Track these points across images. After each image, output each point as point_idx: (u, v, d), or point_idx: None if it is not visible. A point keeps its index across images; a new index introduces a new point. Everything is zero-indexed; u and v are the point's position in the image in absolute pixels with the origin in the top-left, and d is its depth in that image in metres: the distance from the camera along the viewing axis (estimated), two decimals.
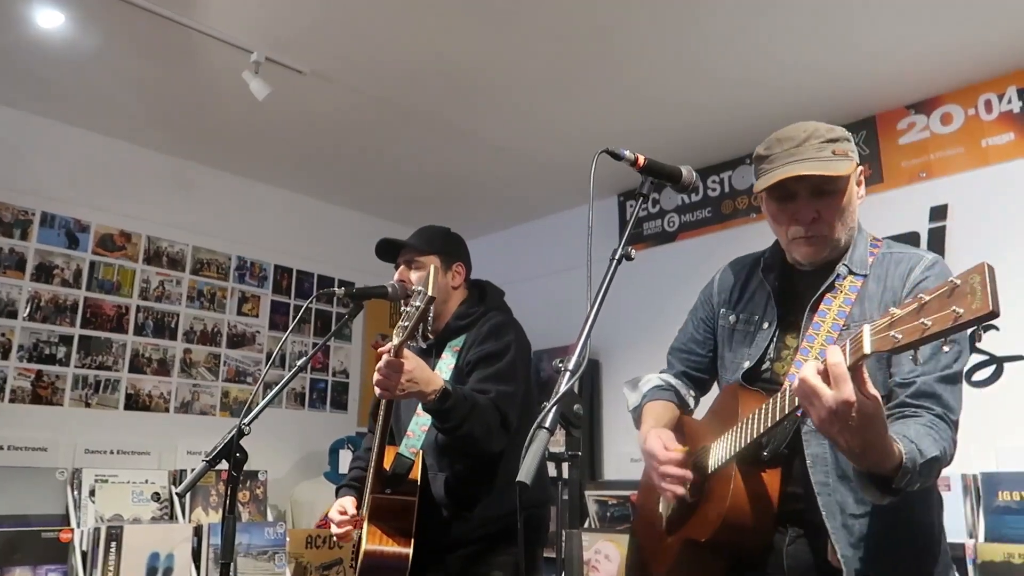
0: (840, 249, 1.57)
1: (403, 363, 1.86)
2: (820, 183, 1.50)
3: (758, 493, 1.45)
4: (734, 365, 1.67)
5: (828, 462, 1.45)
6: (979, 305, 0.97)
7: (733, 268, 1.83)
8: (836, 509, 1.43)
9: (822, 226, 1.52)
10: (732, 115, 3.58)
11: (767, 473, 1.47)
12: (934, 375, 1.39)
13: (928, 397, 1.38)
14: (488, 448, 2.05)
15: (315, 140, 3.92)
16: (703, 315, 1.84)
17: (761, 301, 1.68)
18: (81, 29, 2.99)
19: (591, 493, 3.86)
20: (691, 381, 1.87)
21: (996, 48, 3.05)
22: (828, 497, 1.44)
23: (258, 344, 4.31)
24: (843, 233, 1.56)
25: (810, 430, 1.47)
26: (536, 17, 2.87)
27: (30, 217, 3.62)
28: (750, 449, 1.43)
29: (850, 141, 1.57)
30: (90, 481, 3.22)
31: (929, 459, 1.25)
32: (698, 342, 1.84)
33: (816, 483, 1.45)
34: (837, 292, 1.54)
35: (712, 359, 1.81)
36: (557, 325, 3.44)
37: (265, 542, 3.38)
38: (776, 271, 1.68)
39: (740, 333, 1.69)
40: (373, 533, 2.05)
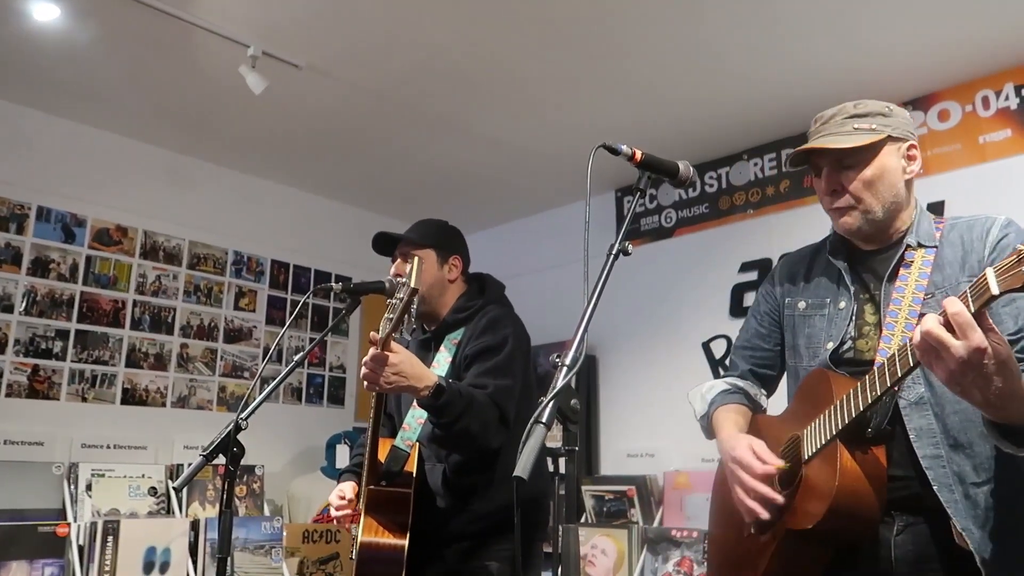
0: (885, 222, 1.57)
1: (388, 356, 1.86)
2: (839, 156, 1.54)
3: (868, 471, 1.37)
4: (811, 351, 1.64)
5: (936, 432, 1.40)
6: None
7: (791, 259, 1.81)
8: (953, 480, 1.37)
9: (846, 198, 1.55)
10: (729, 111, 3.58)
11: (875, 451, 1.40)
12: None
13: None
14: (486, 444, 2.05)
15: (312, 134, 3.91)
16: (766, 308, 1.80)
17: (830, 283, 1.65)
18: (77, 23, 2.98)
19: (588, 488, 3.87)
20: (758, 379, 1.81)
21: (994, 44, 3.05)
22: (942, 469, 1.38)
23: (255, 339, 4.30)
24: (877, 204, 1.54)
25: (908, 404, 1.43)
26: (534, 11, 2.87)
27: (26, 211, 3.61)
28: (853, 425, 1.37)
29: (886, 115, 1.58)
30: (87, 475, 3.22)
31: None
32: (763, 336, 1.79)
33: (925, 458, 1.39)
34: (910, 265, 1.53)
35: (779, 353, 1.77)
36: (554, 320, 3.44)
37: (262, 536, 3.39)
38: (843, 252, 1.66)
39: (812, 317, 1.66)
40: (369, 525, 2.06)
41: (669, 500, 3.65)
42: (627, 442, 4.09)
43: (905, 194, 1.58)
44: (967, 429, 1.39)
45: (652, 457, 3.92)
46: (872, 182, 1.54)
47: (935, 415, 1.41)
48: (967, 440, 1.40)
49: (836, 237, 1.69)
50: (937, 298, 1.44)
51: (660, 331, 4.09)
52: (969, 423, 1.40)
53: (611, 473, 4.05)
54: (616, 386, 4.26)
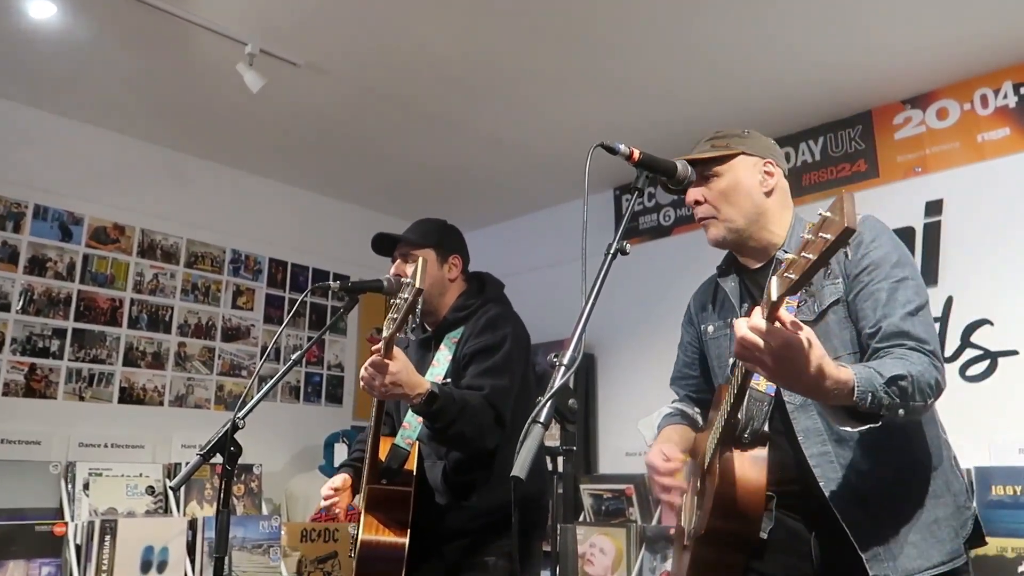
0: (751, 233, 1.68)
1: (387, 364, 1.87)
2: (701, 169, 1.67)
3: (742, 474, 1.46)
4: (721, 369, 1.76)
5: (822, 431, 1.50)
6: (837, 226, 1.05)
7: (700, 288, 1.95)
8: (840, 473, 1.47)
9: (705, 208, 1.68)
10: (727, 110, 3.58)
11: (748, 454, 1.49)
12: (897, 315, 1.45)
13: (896, 336, 1.43)
14: (481, 445, 2.06)
15: (310, 132, 3.91)
16: (688, 339, 1.93)
17: (728, 304, 1.77)
18: (74, 20, 2.97)
19: (586, 487, 3.87)
20: (696, 403, 1.93)
21: (992, 43, 3.05)
22: (830, 464, 1.48)
23: (253, 337, 4.30)
24: (736, 214, 1.66)
25: (795, 407, 1.53)
26: (533, 10, 2.86)
27: (23, 209, 3.60)
28: (727, 433, 1.47)
29: (741, 137, 1.72)
30: (84, 474, 3.22)
31: (890, 376, 1.29)
32: (689, 364, 1.92)
33: (812, 456, 1.49)
34: None
35: (708, 378, 1.87)
36: (553, 318, 3.44)
37: (260, 535, 3.38)
38: (731, 273, 1.79)
39: (719, 339, 1.78)
40: (370, 523, 2.06)
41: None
42: (625, 441, 4.08)
43: (770, 206, 1.68)
44: None
45: None
46: (727, 192, 1.66)
47: (819, 414, 1.51)
48: (849, 434, 1.47)
49: (725, 260, 1.83)
50: (808, 304, 1.55)
51: (658, 330, 4.08)
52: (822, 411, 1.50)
53: (609, 472, 4.05)
54: (614, 385, 4.25)
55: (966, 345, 3.12)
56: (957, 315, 3.15)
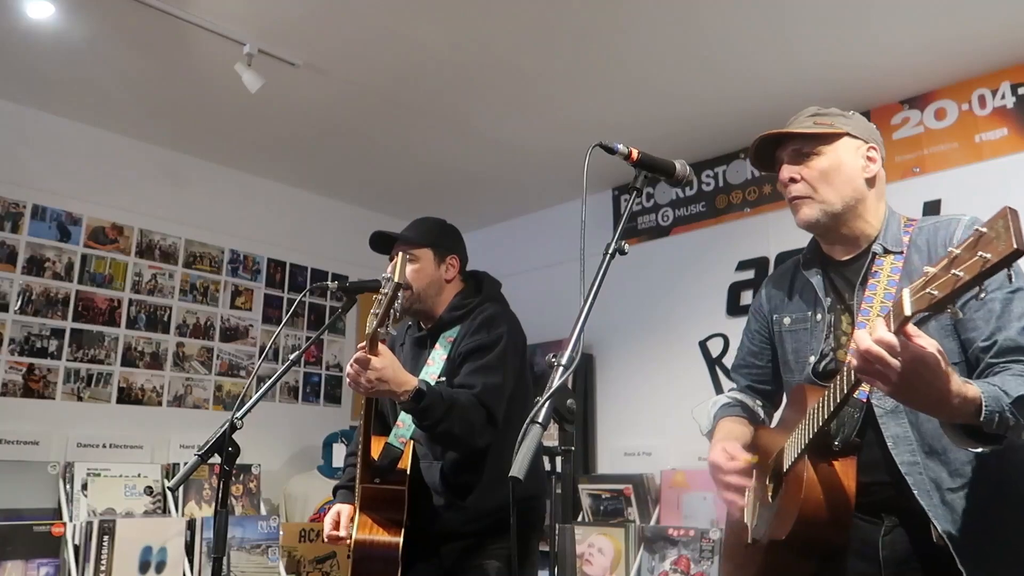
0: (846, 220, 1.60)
1: (371, 360, 1.87)
2: (799, 146, 1.60)
3: (832, 484, 1.42)
4: (799, 365, 1.68)
5: (912, 440, 1.45)
6: (1004, 246, 0.98)
7: (775, 275, 1.87)
8: (931, 487, 1.41)
9: (801, 186, 1.60)
10: (726, 109, 3.58)
11: (840, 463, 1.45)
12: (1013, 329, 1.38)
13: (1013, 351, 1.37)
14: (472, 444, 2.06)
15: (308, 132, 3.91)
16: (756, 327, 1.85)
17: (809, 296, 1.69)
18: (72, 20, 2.96)
19: (584, 487, 3.87)
20: (757, 394, 1.87)
21: (990, 43, 3.06)
22: (920, 476, 1.42)
23: (251, 338, 4.30)
24: (835, 197, 1.59)
25: (885, 412, 1.47)
26: (531, 8, 2.86)
27: (21, 209, 3.60)
28: (818, 440, 1.41)
29: (846, 117, 1.66)
30: (82, 475, 3.22)
31: (1018, 397, 1.23)
32: (755, 354, 1.85)
33: (902, 464, 1.44)
34: (879, 274, 1.56)
35: (773, 368, 1.82)
36: (551, 318, 3.44)
37: (258, 536, 3.38)
38: (816, 264, 1.70)
39: (797, 332, 1.70)
40: (364, 523, 2.06)
41: (666, 499, 3.65)
42: (624, 441, 4.09)
43: (868, 195, 1.63)
44: (941, 436, 1.42)
45: (649, 456, 3.92)
46: (828, 172, 1.59)
47: (910, 423, 1.46)
48: (941, 447, 1.43)
49: (810, 249, 1.74)
50: None
51: (657, 330, 4.09)
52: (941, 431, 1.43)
53: (608, 472, 4.06)
54: (613, 385, 4.25)
55: None
56: None
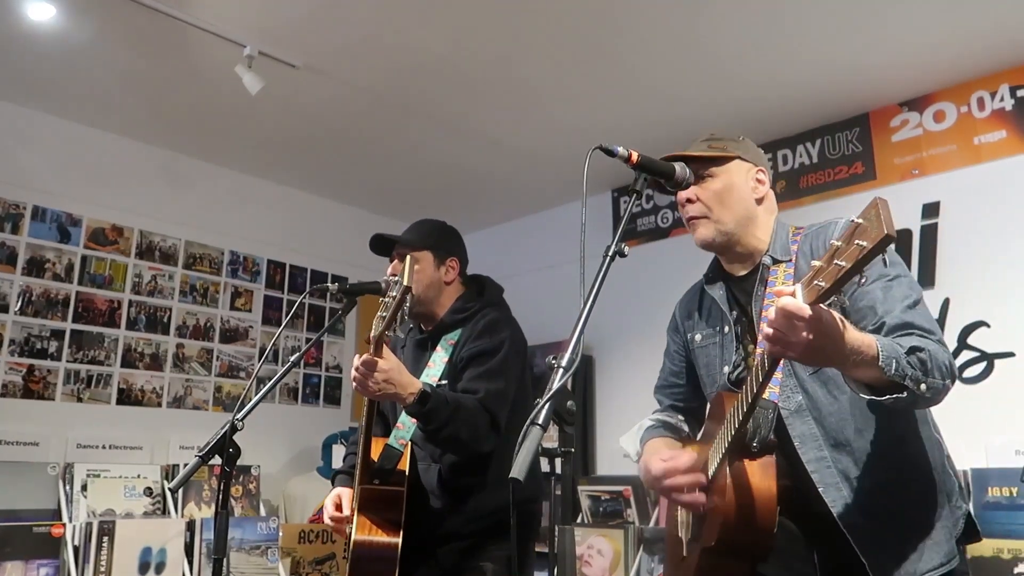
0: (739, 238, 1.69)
1: (377, 362, 1.88)
2: (696, 168, 1.64)
3: (752, 484, 1.45)
4: (711, 378, 1.75)
5: (818, 436, 1.51)
6: (876, 233, 1.03)
7: (685, 297, 1.95)
8: (839, 478, 1.47)
9: (699, 207, 1.68)
10: (725, 112, 3.59)
11: (759, 463, 1.48)
12: (897, 309, 1.45)
13: (901, 327, 1.43)
14: (476, 449, 2.06)
15: (308, 134, 3.91)
16: (675, 348, 1.93)
17: (716, 312, 1.76)
18: (73, 22, 2.97)
19: (584, 488, 3.87)
20: (681, 413, 1.92)
21: (989, 46, 3.06)
22: (828, 470, 1.48)
23: (251, 339, 4.30)
24: (728, 216, 1.67)
25: (790, 412, 1.53)
26: (531, 11, 2.87)
27: (21, 211, 3.60)
28: (737, 443, 1.45)
29: (736, 142, 1.73)
30: (82, 476, 3.22)
31: (911, 347, 1.31)
32: (676, 373, 1.92)
33: (809, 462, 1.49)
34: (774, 281, 1.62)
35: (694, 386, 1.87)
36: (551, 320, 3.44)
37: (258, 537, 3.38)
38: (717, 280, 1.78)
39: (708, 347, 1.77)
40: (363, 524, 2.06)
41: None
42: None
43: (758, 212, 1.70)
44: (843, 428, 1.50)
45: None
46: (721, 194, 1.67)
47: (815, 419, 1.52)
48: (845, 438, 1.50)
49: (711, 268, 1.82)
50: None
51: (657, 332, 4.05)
52: (844, 422, 1.51)
53: (607, 473, 4.06)
54: (612, 386, 4.26)
55: (963, 347, 3.12)
56: (954, 317, 3.16)
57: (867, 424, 1.51)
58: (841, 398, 1.52)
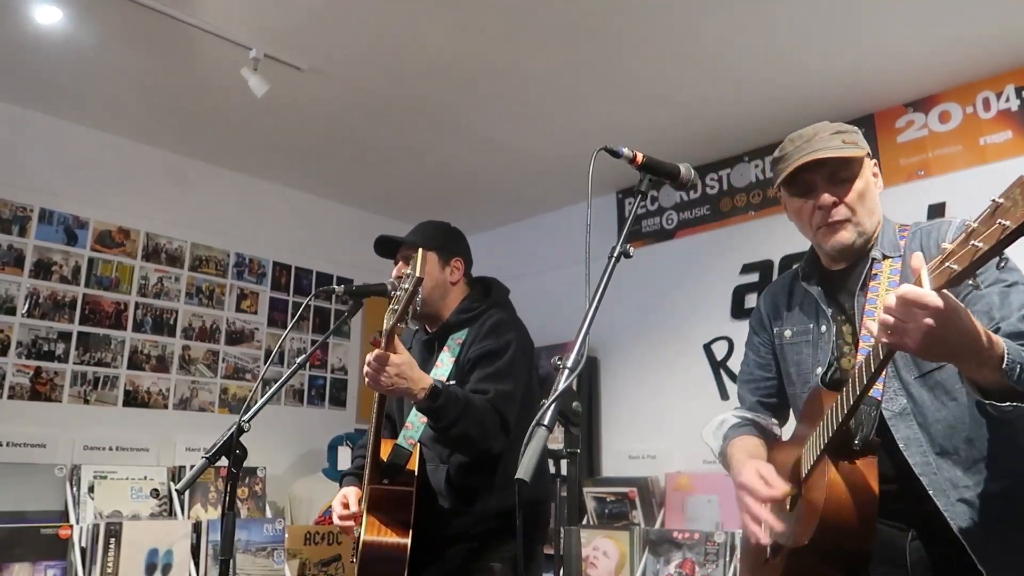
0: (868, 237, 1.60)
1: (390, 357, 1.88)
2: (835, 169, 1.56)
3: (855, 483, 1.38)
4: (802, 378, 1.68)
5: (923, 442, 1.44)
6: (1022, 212, 0.97)
7: (772, 288, 1.85)
8: (947, 486, 1.41)
9: (843, 209, 1.57)
10: (730, 113, 3.59)
11: (862, 462, 1.42)
12: (1014, 317, 1.38)
13: (1016, 336, 1.34)
14: (486, 448, 2.06)
15: (314, 136, 3.92)
16: (759, 340, 1.84)
17: (810, 308, 1.69)
18: (79, 25, 2.98)
19: (589, 490, 3.87)
20: (767, 409, 1.84)
21: (994, 46, 3.06)
22: (934, 476, 1.42)
23: (257, 341, 4.31)
24: (867, 219, 1.59)
25: (893, 415, 1.46)
26: (536, 14, 2.87)
27: (28, 213, 3.61)
28: (838, 440, 1.39)
29: (858, 133, 1.63)
30: (89, 477, 3.23)
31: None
32: (762, 366, 1.83)
33: (916, 465, 1.43)
34: (879, 277, 1.55)
35: (780, 381, 1.79)
36: (556, 322, 3.44)
37: (264, 538, 3.39)
38: (815, 276, 1.69)
39: (799, 344, 1.70)
40: (372, 524, 2.06)
41: (671, 502, 3.65)
42: (628, 444, 4.09)
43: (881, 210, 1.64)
44: (951, 436, 1.42)
45: (653, 459, 3.92)
46: (863, 195, 1.59)
47: (919, 424, 1.46)
48: (952, 447, 1.43)
49: (807, 262, 1.73)
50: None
51: (661, 333, 4.09)
52: (952, 430, 1.44)
53: (612, 475, 4.05)
54: (617, 388, 4.25)
55: None
56: None
57: (978, 432, 1.44)
58: (950, 404, 1.46)
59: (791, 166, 1.57)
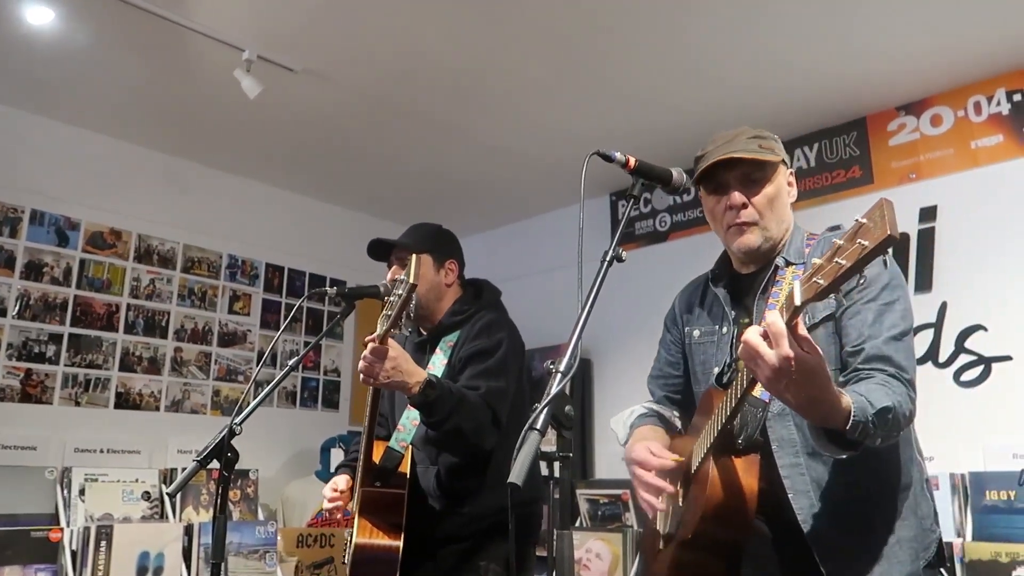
0: (775, 243, 1.65)
1: (387, 350, 1.88)
2: (748, 171, 1.61)
3: (734, 481, 1.45)
4: (705, 376, 1.74)
5: (796, 442, 1.49)
6: (879, 233, 1.03)
7: (687, 289, 1.91)
8: (811, 486, 1.46)
9: (752, 212, 1.61)
10: (722, 117, 3.59)
11: (743, 460, 1.48)
12: (881, 338, 1.43)
13: (878, 360, 1.41)
14: (479, 444, 2.07)
15: (307, 138, 3.91)
16: (671, 338, 1.91)
17: (717, 310, 1.74)
18: (71, 26, 2.97)
19: (582, 492, 3.87)
20: (673, 404, 1.90)
21: (986, 50, 3.07)
22: (800, 477, 1.47)
23: (249, 343, 4.30)
24: (774, 225, 1.63)
25: (773, 415, 1.52)
26: (529, 16, 2.87)
27: (19, 214, 3.60)
28: (723, 439, 1.45)
29: (777, 141, 1.68)
30: (80, 480, 3.22)
31: (880, 408, 1.28)
32: (672, 364, 1.89)
33: (784, 467, 1.48)
34: (781, 283, 1.59)
35: (687, 379, 1.85)
36: (549, 324, 3.45)
37: (256, 541, 3.38)
38: (724, 279, 1.75)
39: (705, 344, 1.76)
40: (364, 527, 2.06)
41: None
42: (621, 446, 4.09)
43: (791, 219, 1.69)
44: None
45: None
46: (773, 200, 1.63)
47: (796, 425, 1.50)
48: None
49: (718, 264, 1.79)
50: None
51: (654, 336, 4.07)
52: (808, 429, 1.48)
53: (606, 477, 4.06)
54: (611, 390, 4.26)
55: (960, 351, 3.13)
56: (951, 321, 3.17)
57: None
58: None
59: (706, 163, 1.62)
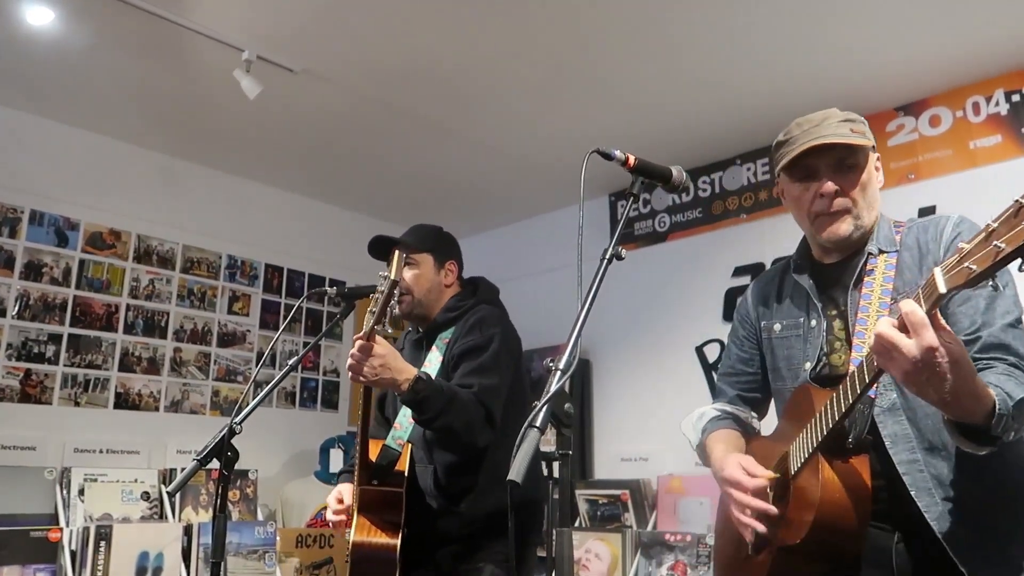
0: (865, 231, 1.56)
1: (374, 347, 1.88)
2: (842, 157, 1.53)
3: (849, 482, 1.35)
4: (791, 372, 1.64)
5: (911, 437, 1.41)
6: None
7: (761, 281, 1.82)
8: (932, 483, 1.37)
9: (845, 200, 1.53)
10: (722, 117, 3.60)
11: (856, 460, 1.39)
12: (997, 325, 1.36)
13: (997, 348, 1.34)
14: (471, 442, 2.06)
15: (306, 139, 3.91)
16: (744, 334, 1.80)
17: (800, 302, 1.65)
18: (71, 26, 2.97)
19: (582, 492, 3.87)
20: (746, 403, 1.81)
21: (984, 51, 3.08)
22: (920, 474, 1.38)
23: (248, 343, 4.30)
24: (866, 212, 1.55)
25: (883, 410, 1.43)
26: (528, 18, 2.88)
27: (19, 215, 3.60)
28: (832, 437, 1.36)
29: (866, 124, 1.59)
30: (79, 480, 3.22)
31: (1019, 400, 1.21)
32: (745, 360, 1.80)
33: (901, 463, 1.39)
34: (874, 272, 1.52)
35: (762, 376, 1.77)
36: (549, 324, 3.44)
37: (255, 541, 3.38)
38: (808, 269, 1.66)
39: (789, 338, 1.66)
40: (362, 525, 2.06)
41: (663, 504, 3.65)
42: (621, 446, 4.09)
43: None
44: (941, 431, 1.37)
45: (646, 461, 3.92)
46: (866, 187, 1.55)
47: (909, 420, 1.42)
48: (941, 442, 1.39)
49: (799, 254, 1.69)
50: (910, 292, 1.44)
51: (654, 335, 4.10)
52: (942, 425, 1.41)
53: (605, 477, 4.06)
54: (610, 390, 4.26)
55: None
56: None
57: None
58: None
59: (796, 149, 1.53)
